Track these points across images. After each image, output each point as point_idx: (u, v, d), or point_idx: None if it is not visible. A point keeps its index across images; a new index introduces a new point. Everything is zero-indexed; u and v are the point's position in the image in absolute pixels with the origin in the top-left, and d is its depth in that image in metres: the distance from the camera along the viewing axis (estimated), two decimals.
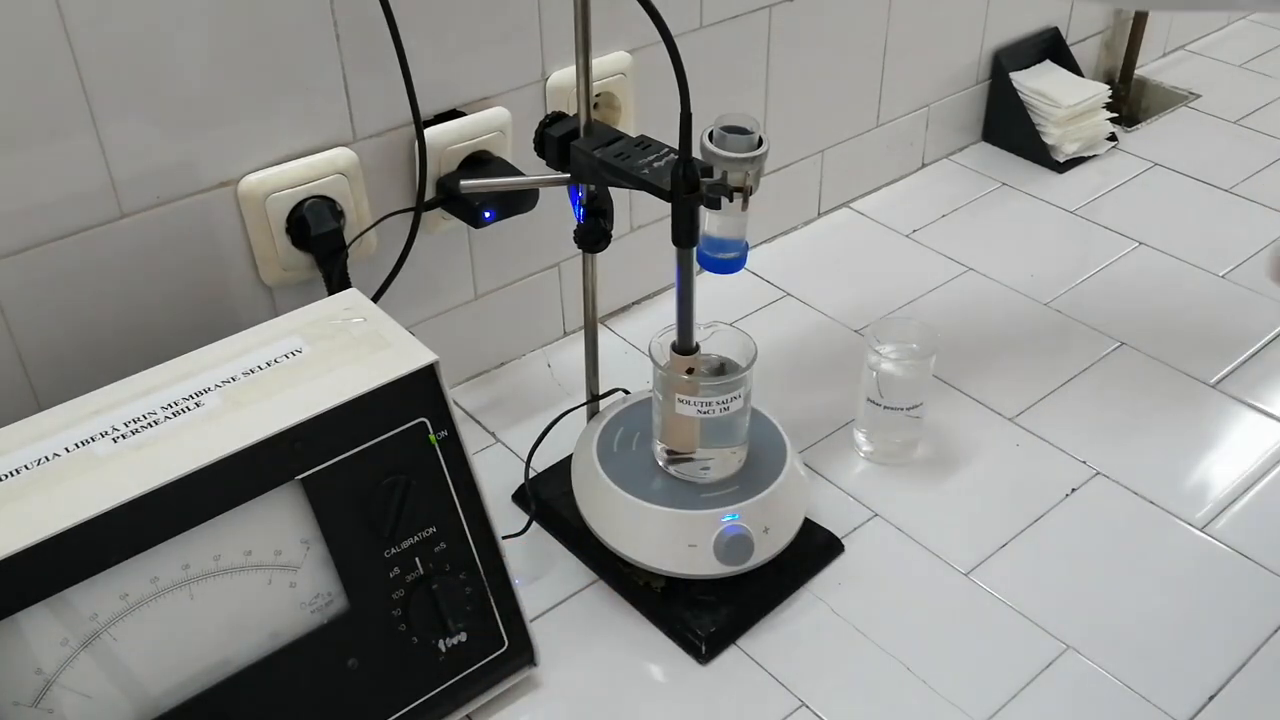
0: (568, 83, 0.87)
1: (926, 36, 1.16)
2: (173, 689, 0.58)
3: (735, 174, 0.65)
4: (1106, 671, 0.71)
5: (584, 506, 0.76)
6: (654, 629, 0.74)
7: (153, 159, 0.70)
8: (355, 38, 0.75)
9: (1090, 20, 1.36)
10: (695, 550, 0.71)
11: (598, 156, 0.68)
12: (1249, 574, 0.78)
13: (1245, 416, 0.91)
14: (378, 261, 0.83)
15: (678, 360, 0.72)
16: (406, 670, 0.65)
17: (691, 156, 0.63)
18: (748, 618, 0.74)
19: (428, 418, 0.64)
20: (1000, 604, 0.76)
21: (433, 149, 0.80)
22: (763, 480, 0.74)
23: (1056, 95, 1.24)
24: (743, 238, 0.80)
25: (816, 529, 0.80)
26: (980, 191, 1.22)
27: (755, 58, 0.58)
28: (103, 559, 0.55)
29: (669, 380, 0.72)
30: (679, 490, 0.73)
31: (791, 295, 1.05)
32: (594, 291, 0.78)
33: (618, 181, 0.67)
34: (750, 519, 0.71)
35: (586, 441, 0.78)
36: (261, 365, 0.64)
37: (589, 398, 0.83)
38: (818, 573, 0.77)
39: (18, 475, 0.57)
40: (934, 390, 0.93)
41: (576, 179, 0.71)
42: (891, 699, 0.70)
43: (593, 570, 0.78)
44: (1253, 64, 1.48)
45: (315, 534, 0.61)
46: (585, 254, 0.77)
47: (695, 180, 0.63)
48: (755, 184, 0.73)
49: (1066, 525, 0.82)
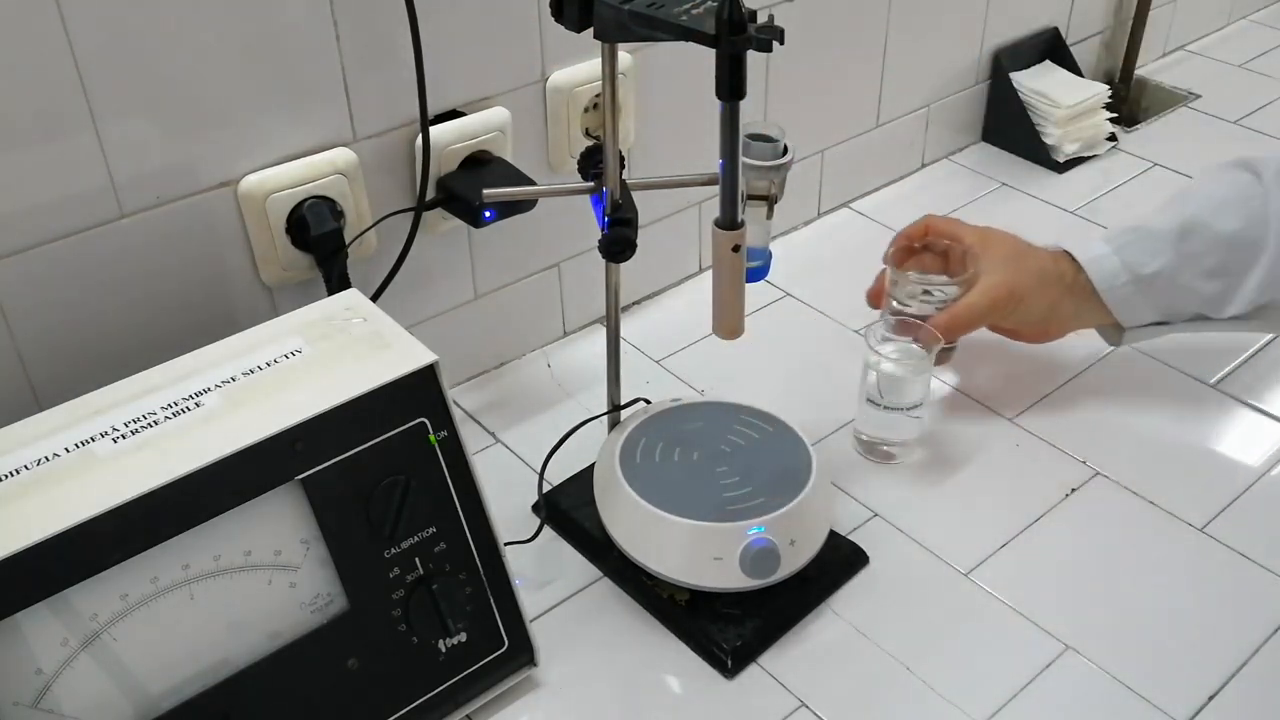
0: (568, 83, 0.87)
1: (926, 36, 1.16)
2: (173, 689, 0.58)
3: (760, 182, 0.64)
4: (1106, 671, 0.71)
5: (607, 518, 0.76)
6: (674, 641, 0.73)
7: (153, 159, 0.70)
8: (355, 38, 0.75)
9: (1090, 20, 1.36)
10: (721, 563, 0.71)
11: (627, 8, 0.61)
12: (1249, 574, 0.78)
13: (1245, 416, 0.91)
14: (377, 261, 0.83)
15: (723, 236, 0.65)
16: (406, 670, 0.65)
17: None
18: (774, 631, 0.73)
19: (428, 418, 0.64)
20: (1000, 604, 0.76)
21: (433, 149, 0.80)
22: (789, 492, 0.73)
23: (1056, 95, 1.24)
24: (766, 246, 0.80)
25: (842, 541, 0.79)
26: (980, 191, 1.22)
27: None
28: (103, 559, 0.55)
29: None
30: (704, 502, 0.72)
31: (791, 295, 1.05)
32: (616, 301, 0.77)
33: (652, 34, 0.60)
34: (776, 531, 0.71)
35: (609, 452, 0.77)
36: (261, 365, 0.64)
37: (610, 407, 0.82)
38: (843, 585, 0.77)
39: (18, 475, 0.57)
40: (934, 390, 0.93)
41: (602, 37, 0.64)
42: (890, 698, 0.70)
43: (615, 583, 0.77)
44: (1253, 64, 1.48)
45: (315, 534, 0.61)
46: (608, 264, 0.74)
47: (742, 21, 0.57)
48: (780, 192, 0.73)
49: (1066, 525, 0.82)
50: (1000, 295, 0.85)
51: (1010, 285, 0.85)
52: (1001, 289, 0.85)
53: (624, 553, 0.74)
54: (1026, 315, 0.87)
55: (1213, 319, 0.86)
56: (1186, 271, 0.84)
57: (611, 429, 0.82)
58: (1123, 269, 0.85)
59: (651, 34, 0.60)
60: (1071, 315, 0.88)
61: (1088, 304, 0.87)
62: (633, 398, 0.84)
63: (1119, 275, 0.85)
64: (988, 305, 0.85)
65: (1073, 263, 0.87)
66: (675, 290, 1.07)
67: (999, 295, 0.85)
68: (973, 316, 0.85)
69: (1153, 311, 0.87)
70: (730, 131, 0.61)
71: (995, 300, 0.85)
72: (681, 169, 0.77)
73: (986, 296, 0.85)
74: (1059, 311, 0.87)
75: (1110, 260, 0.85)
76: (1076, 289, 0.86)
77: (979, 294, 0.85)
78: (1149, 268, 0.84)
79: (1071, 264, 0.87)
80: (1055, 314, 0.88)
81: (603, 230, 0.71)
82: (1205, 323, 0.87)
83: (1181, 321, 0.87)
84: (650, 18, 0.60)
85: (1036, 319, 0.88)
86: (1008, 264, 0.86)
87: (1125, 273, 0.85)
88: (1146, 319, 0.87)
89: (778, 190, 0.72)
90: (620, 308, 0.78)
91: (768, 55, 0.57)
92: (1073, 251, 0.87)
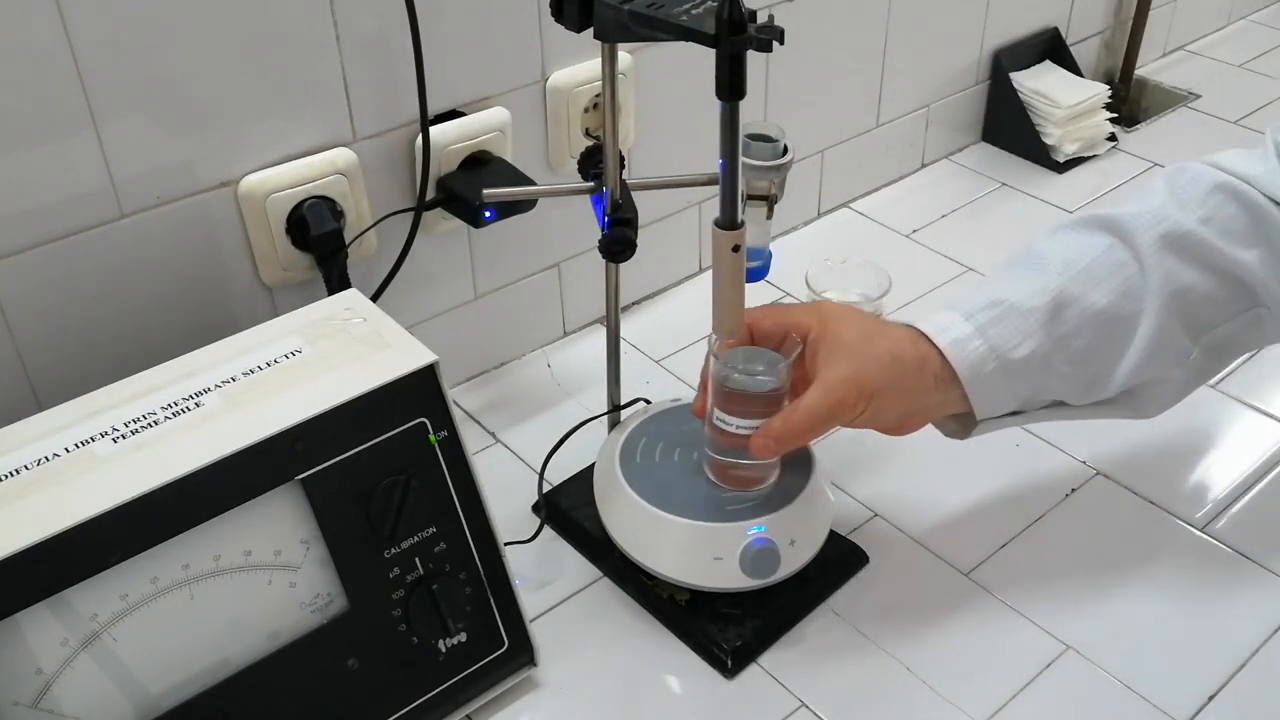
0: (568, 83, 0.87)
1: (926, 36, 1.16)
2: (173, 689, 0.58)
3: (760, 182, 0.64)
4: (1106, 671, 0.71)
5: (607, 518, 0.76)
6: (674, 641, 0.73)
7: (153, 159, 0.70)
8: (355, 38, 0.75)
9: (1090, 20, 1.36)
10: (721, 563, 0.71)
11: (627, 8, 0.61)
12: (1249, 574, 0.78)
13: (1245, 416, 0.91)
14: (377, 261, 0.83)
15: (723, 236, 0.65)
16: (406, 670, 0.65)
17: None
18: (774, 631, 0.73)
19: (428, 418, 0.64)
20: (1000, 604, 0.76)
21: (433, 149, 0.80)
22: (789, 492, 0.72)
23: (1056, 95, 1.24)
24: (766, 246, 0.80)
25: (841, 540, 0.79)
26: (980, 191, 1.22)
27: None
28: (103, 559, 0.55)
29: None
30: (704, 502, 0.72)
31: (791, 296, 1.05)
32: (616, 301, 0.77)
33: (652, 34, 0.60)
34: (776, 531, 0.71)
35: (609, 452, 0.77)
36: (261, 365, 0.64)
37: (610, 407, 0.82)
38: (843, 585, 0.77)
39: (18, 475, 0.57)
40: None
41: (602, 37, 0.64)
42: (890, 698, 0.70)
43: (615, 583, 0.77)
44: (1253, 64, 1.48)
45: (315, 534, 0.61)
46: (608, 264, 0.74)
47: (742, 21, 0.56)
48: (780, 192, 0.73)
49: (1066, 525, 0.82)
50: (846, 394, 0.67)
51: (858, 380, 0.67)
52: (847, 386, 0.67)
53: (624, 553, 0.74)
54: (880, 414, 0.69)
55: (1072, 405, 0.73)
56: (1057, 355, 0.69)
57: (611, 429, 0.82)
58: (990, 354, 0.68)
59: (651, 34, 0.60)
60: (936, 406, 0.71)
61: (950, 393, 0.70)
62: (633, 398, 0.84)
63: (986, 362, 0.68)
64: (829, 409, 0.67)
65: (932, 345, 0.69)
66: (675, 290, 1.07)
67: (844, 395, 0.67)
68: (811, 423, 0.68)
69: (1013, 400, 0.71)
70: (730, 131, 0.61)
71: (839, 401, 0.67)
72: (681, 169, 0.77)
73: (829, 397, 0.67)
74: (921, 403, 0.70)
75: (974, 343, 0.69)
76: (941, 377, 0.69)
77: (818, 395, 0.67)
78: (1019, 352, 0.68)
79: (931, 346, 0.69)
80: (917, 407, 0.70)
81: (603, 230, 0.71)
82: (1062, 409, 0.74)
83: (1036, 409, 0.74)
84: (650, 18, 0.60)
85: (894, 417, 0.70)
86: (852, 352, 0.68)
87: (993, 359, 0.68)
88: (1005, 409, 0.72)
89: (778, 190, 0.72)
90: (620, 308, 0.78)
91: (768, 55, 0.57)
92: (928, 332, 0.69)
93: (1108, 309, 0.69)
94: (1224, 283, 0.69)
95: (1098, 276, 0.69)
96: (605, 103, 0.69)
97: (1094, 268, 0.70)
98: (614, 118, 0.69)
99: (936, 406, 0.71)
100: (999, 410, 0.72)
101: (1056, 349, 0.69)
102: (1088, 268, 0.70)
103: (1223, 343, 0.72)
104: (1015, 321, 0.69)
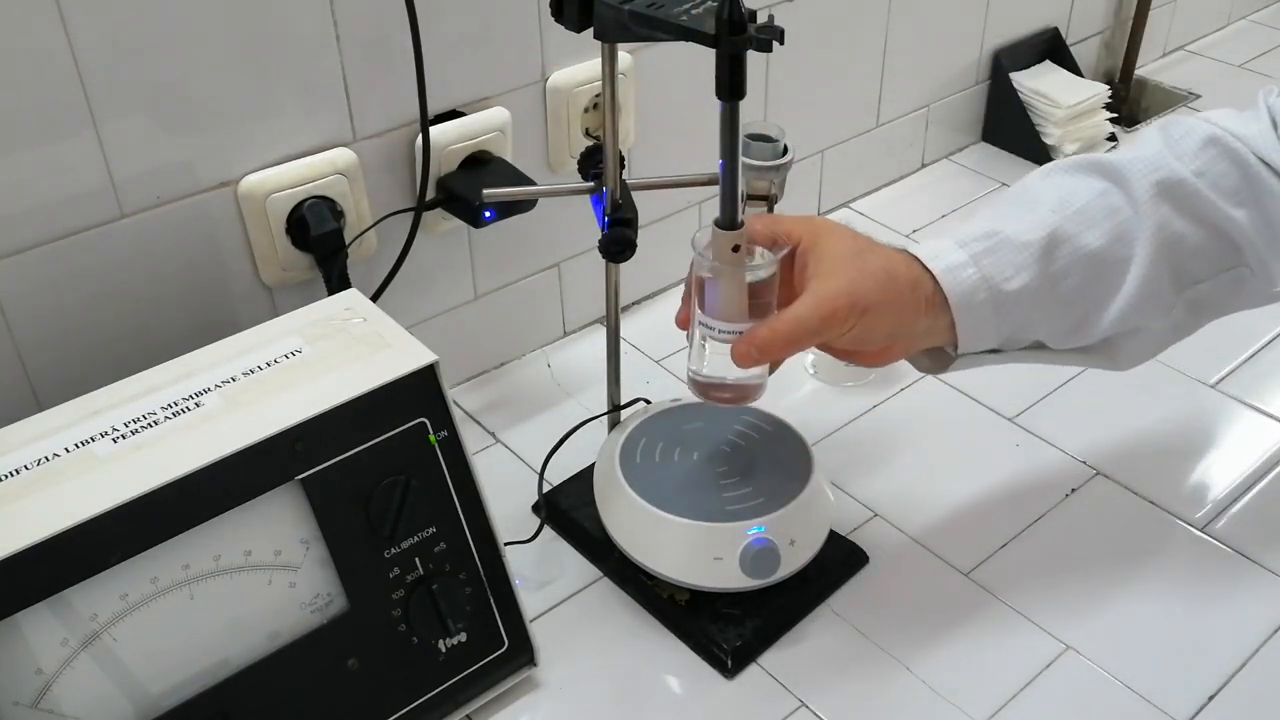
0: (568, 83, 0.87)
1: (926, 36, 1.16)
2: (173, 689, 0.58)
3: (760, 182, 0.64)
4: (1106, 671, 0.71)
5: (607, 518, 0.76)
6: (674, 641, 0.73)
7: (153, 159, 0.70)
8: (355, 38, 0.75)
9: (1090, 20, 1.36)
10: (721, 563, 0.71)
11: (627, 8, 0.60)
12: (1249, 574, 0.78)
13: (1245, 416, 0.91)
14: (377, 261, 0.83)
15: (723, 236, 0.63)
16: (406, 670, 0.65)
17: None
18: (774, 631, 0.73)
19: (428, 418, 0.64)
20: (1000, 604, 0.76)
21: (433, 149, 0.80)
22: (789, 492, 0.73)
23: (1056, 95, 1.24)
24: None
25: (841, 540, 0.79)
26: (980, 191, 1.22)
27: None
28: (103, 559, 0.55)
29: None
30: (704, 502, 0.72)
31: None
32: (616, 301, 0.77)
33: (652, 34, 0.60)
34: (776, 531, 0.71)
35: (609, 452, 0.77)
36: (261, 365, 0.64)
37: (610, 407, 0.82)
38: (843, 585, 0.77)
39: (18, 475, 0.57)
40: (934, 389, 0.93)
41: (602, 37, 0.63)
42: (890, 698, 0.70)
43: (615, 583, 0.77)
44: (1253, 64, 1.48)
45: (315, 534, 0.61)
46: (608, 264, 0.74)
47: (742, 21, 0.56)
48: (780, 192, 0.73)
49: (1066, 525, 0.82)
50: (838, 307, 0.63)
51: (851, 293, 0.64)
52: (841, 299, 0.63)
53: (624, 553, 0.74)
54: (868, 333, 0.65)
55: (1051, 349, 0.72)
56: (1046, 293, 0.67)
57: (611, 429, 0.82)
58: (982, 284, 0.66)
59: (651, 34, 0.60)
60: (923, 333, 0.68)
61: (938, 321, 0.67)
62: (633, 398, 0.84)
63: (978, 291, 0.66)
64: (820, 319, 0.63)
65: (924, 269, 0.67)
66: (675, 290, 1.07)
67: (837, 308, 0.63)
68: (799, 334, 0.64)
69: (996, 336, 0.69)
70: (730, 131, 0.61)
71: (832, 313, 0.63)
72: (681, 169, 0.77)
73: (821, 309, 0.63)
74: (910, 327, 0.67)
75: (968, 271, 0.66)
76: (933, 302, 0.67)
77: (809, 305, 0.63)
78: (1011, 284, 0.66)
79: (924, 270, 0.67)
80: (905, 331, 0.67)
81: (603, 230, 0.71)
82: (1040, 352, 0.72)
83: (1015, 350, 0.71)
84: (650, 18, 0.60)
85: (881, 338, 0.67)
86: (846, 264, 0.65)
87: (985, 288, 0.66)
88: (987, 345, 0.69)
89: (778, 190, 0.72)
90: (620, 308, 0.78)
91: (768, 55, 0.57)
92: (921, 256, 0.67)
93: (1100, 251, 0.68)
94: (1213, 237, 0.69)
95: (1092, 218, 0.68)
96: (605, 103, 0.69)
97: (1089, 209, 0.68)
98: (614, 118, 0.69)
99: (923, 334, 0.68)
100: (982, 345, 0.69)
101: (1047, 285, 0.68)
102: (1082, 209, 0.68)
103: (1204, 299, 0.71)
104: (1009, 254, 0.67)
